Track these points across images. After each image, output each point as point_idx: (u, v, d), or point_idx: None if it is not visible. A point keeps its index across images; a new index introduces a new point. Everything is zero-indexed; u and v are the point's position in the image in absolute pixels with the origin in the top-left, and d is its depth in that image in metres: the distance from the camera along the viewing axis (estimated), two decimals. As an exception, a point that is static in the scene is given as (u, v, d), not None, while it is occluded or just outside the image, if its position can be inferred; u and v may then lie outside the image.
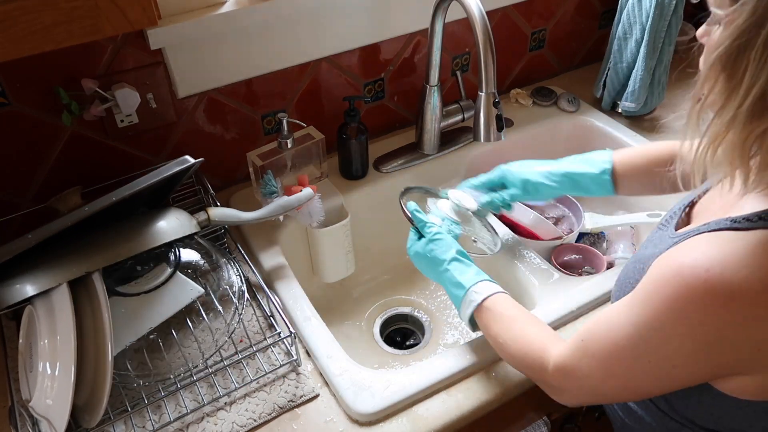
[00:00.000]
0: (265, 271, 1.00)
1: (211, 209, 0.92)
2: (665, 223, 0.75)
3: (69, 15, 0.69)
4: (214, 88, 1.04)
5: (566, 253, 1.17)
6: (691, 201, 0.75)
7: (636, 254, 0.76)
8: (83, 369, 0.73)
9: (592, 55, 1.49)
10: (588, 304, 0.93)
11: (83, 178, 0.99)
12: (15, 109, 0.91)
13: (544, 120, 1.32)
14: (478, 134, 1.03)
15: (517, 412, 0.94)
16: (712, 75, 0.56)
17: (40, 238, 0.74)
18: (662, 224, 0.76)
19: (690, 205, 0.74)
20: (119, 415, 0.80)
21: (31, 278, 0.75)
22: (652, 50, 1.20)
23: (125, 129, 1.00)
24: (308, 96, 1.15)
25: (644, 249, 0.74)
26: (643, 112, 1.30)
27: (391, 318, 1.17)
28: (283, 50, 1.06)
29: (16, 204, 0.99)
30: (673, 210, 0.77)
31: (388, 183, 1.17)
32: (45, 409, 0.73)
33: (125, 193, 0.77)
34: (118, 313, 0.80)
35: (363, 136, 1.12)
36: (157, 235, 0.81)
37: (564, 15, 1.38)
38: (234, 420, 0.80)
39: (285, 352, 0.88)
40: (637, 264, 0.72)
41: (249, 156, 1.05)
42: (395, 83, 1.24)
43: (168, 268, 0.85)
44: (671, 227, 0.72)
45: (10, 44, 0.68)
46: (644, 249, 0.74)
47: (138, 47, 0.95)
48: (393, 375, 0.84)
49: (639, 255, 0.74)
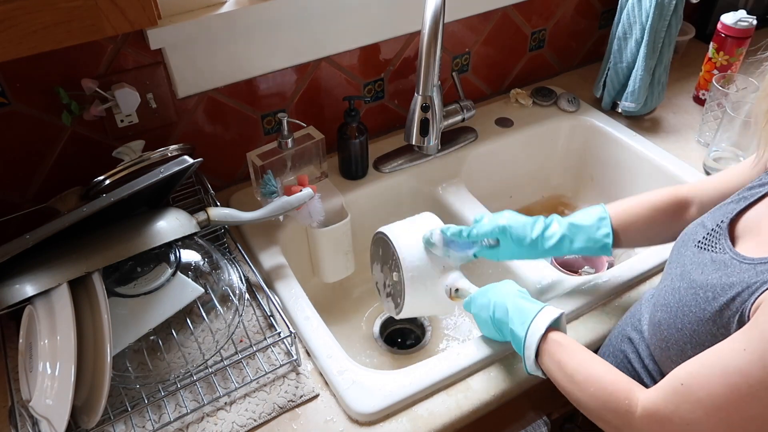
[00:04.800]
0: (265, 271, 1.00)
1: (211, 209, 0.92)
2: (708, 244, 0.69)
3: (69, 15, 0.69)
4: (214, 88, 1.04)
5: (566, 253, 1.17)
6: (730, 218, 0.69)
7: (687, 278, 0.69)
8: (82, 369, 0.73)
9: (592, 55, 1.49)
10: (588, 304, 0.93)
11: (83, 179, 0.99)
12: (15, 109, 0.91)
13: (544, 120, 1.32)
14: (406, 134, 1.08)
15: (517, 412, 0.94)
16: None
17: (38, 238, 0.73)
18: (703, 244, 0.70)
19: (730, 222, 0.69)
20: (119, 415, 0.80)
21: (31, 278, 0.75)
22: (652, 50, 1.20)
23: (125, 129, 1.00)
24: (308, 96, 1.15)
25: (699, 274, 0.67)
26: (643, 112, 1.30)
27: (391, 318, 1.17)
28: (283, 50, 1.06)
29: (16, 204, 0.99)
30: (703, 226, 0.72)
31: (388, 183, 1.17)
32: (45, 409, 0.73)
33: (124, 194, 0.77)
34: (118, 314, 0.80)
35: (363, 136, 1.12)
36: (157, 235, 0.81)
37: (564, 15, 1.38)
38: (234, 420, 0.80)
39: (285, 352, 0.88)
40: (699, 291, 0.66)
41: (249, 156, 1.05)
42: (395, 83, 1.24)
43: (168, 269, 0.85)
44: (726, 249, 0.67)
45: (10, 44, 0.68)
46: (699, 274, 0.67)
47: (138, 47, 0.95)
48: (393, 375, 0.84)
49: (695, 280, 0.67)
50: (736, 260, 0.64)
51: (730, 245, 0.67)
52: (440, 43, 0.99)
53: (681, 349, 0.68)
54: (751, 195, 0.70)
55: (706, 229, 0.71)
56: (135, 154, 0.95)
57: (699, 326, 0.65)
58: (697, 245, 0.71)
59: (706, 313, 0.64)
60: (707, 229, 0.71)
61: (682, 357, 0.67)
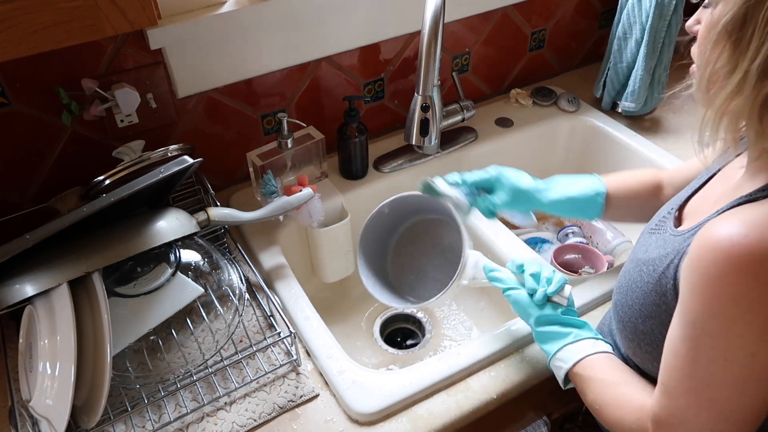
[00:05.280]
0: (265, 271, 1.00)
1: (211, 209, 0.92)
2: (657, 228, 0.74)
3: (69, 15, 0.69)
4: (214, 88, 1.04)
5: (566, 253, 1.17)
6: (678, 205, 0.74)
7: (635, 258, 0.73)
8: (82, 369, 0.73)
9: (592, 55, 1.49)
10: (588, 304, 0.93)
11: (83, 178, 0.99)
12: (15, 109, 0.91)
13: (544, 120, 1.32)
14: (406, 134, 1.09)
15: (517, 412, 0.94)
16: (717, 46, 0.58)
17: (38, 238, 0.73)
18: (653, 229, 0.74)
19: (679, 209, 0.73)
20: (119, 415, 0.80)
21: (31, 278, 0.75)
22: (652, 50, 1.20)
23: (125, 129, 1.00)
24: (308, 96, 1.15)
25: (644, 253, 0.71)
26: (642, 112, 1.30)
27: (391, 318, 1.17)
28: (283, 50, 1.06)
29: (16, 204, 0.99)
30: (660, 216, 0.76)
31: (388, 183, 1.17)
32: (45, 409, 0.73)
33: (124, 194, 0.77)
34: (118, 314, 0.80)
35: (363, 136, 1.12)
36: (157, 235, 0.81)
37: (564, 15, 1.38)
38: (234, 420, 0.80)
39: (285, 352, 0.88)
40: (642, 266, 0.70)
41: (249, 156, 1.05)
42: (395, 83, 1.24)
43: (168, 269, 0.85)
44: (668, 229, 0.71)
45: (10, 44, 0.68)
46: (644, 253, 0.71)
47: (138, 47, 0.95)
48: (393, 375, 0.84)
49: (640, 258, 0.71)
50: (672, 235, 0.68)
51: (672, 225, 0.70)
52: (440, 43, 0.99)
53: (634, 325, 0.71)
54: (697, 183, 0.74)
55: (659, 218, 0.76)
56: (135, 154, 0.95)
57: (645, 299, 0.68)
58: (649, 231, 0.75)
59: (649, 285, 0.67)
60: (659, 217, 0.76)
61: (636, 333, 0.71)
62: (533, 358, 0.87)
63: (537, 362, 0.87)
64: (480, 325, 1.14)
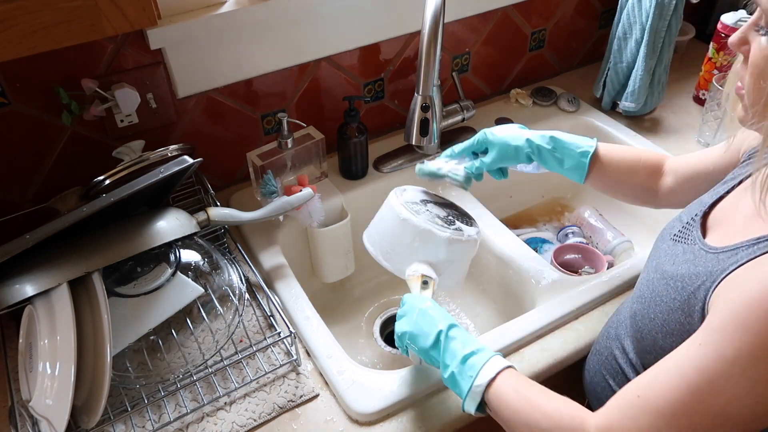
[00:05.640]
0: (265, 271, 1.00)
1: (211, 209, 0.92)
2: (682, 236, 0.71)
3: (69, 15, 0.69)
4: (214, 88, 1.04)
5: (566, 253, 1.17)
6: (703, 211, 0.72)
7: (660, 269, 0.70)
8: (82, 369, 0.73)
9: (592, 55, 1.49)
10: (588, 304, 0.93)
11: (83, 178, 0.99)
12: (15, 109, 0.91)
13: (544, 120, 1.32)
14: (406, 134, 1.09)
15: (517, 412, 0.94)
16: None
17: (38, 238, 0.73)
18: (677, 236, 0.72)
19: (703, 215, 0.71)
20: (119, 415, 0.80)
21: (31, 278, 0.75)
22: (652, 50, 1.20)
23: (125, 129, 1.00)
24: (308, 96, 1.15)
25: (671, 265, 0.68)
26: (642, 112, 1.30)
27: (391, 318, 1.17)
28: (283, 50, 1.06)
29: (16, 204, 0.99)
30: (681, 221, 0.74)
31: (388, 183, 1.17)
32: (45, 409, 0.73)
33: (124, 194, 0.77)
34: (118, 314, 0.80)
35: (363, 136, 1.12)
36: (156, 235, 0.81)
37: (564, 15, 1.38)
38: (234, 420, 0.80)
39: (285, 352, 0.88)
40: (669, 281, 0.67)
41: (249, 156, 1.05)
42: (395, 83, 1.24)
43: (168, 269, 0.85)
44: (696, 240, 0.68)
45: (10, 44, 0.68)
46: (671, 265, 0.68)
47: (138, 47, 0.95)
48: (393, 375, 0.84)
49: (666, 271, 0.69)
50: (703, 250, 0.66)
51: (700, 236, 0.68)
52: (440, 43, 0.99)
53: (653, 339, 0.70)
54: (723, 189, 0.73)
55: (681, 223, 0.74)
56: (135, 154, 0.95)
57: (669, 315, 0.67)
58: (672, 238, 0.73)
59: (676, 302, 0.66)
60: (683, 222, 0.74)
61: (655, 347, 0.69)
62: (533, 357, 0.87)
63: (537, 362, 0.87)
64: (479, 325, 1.14)
